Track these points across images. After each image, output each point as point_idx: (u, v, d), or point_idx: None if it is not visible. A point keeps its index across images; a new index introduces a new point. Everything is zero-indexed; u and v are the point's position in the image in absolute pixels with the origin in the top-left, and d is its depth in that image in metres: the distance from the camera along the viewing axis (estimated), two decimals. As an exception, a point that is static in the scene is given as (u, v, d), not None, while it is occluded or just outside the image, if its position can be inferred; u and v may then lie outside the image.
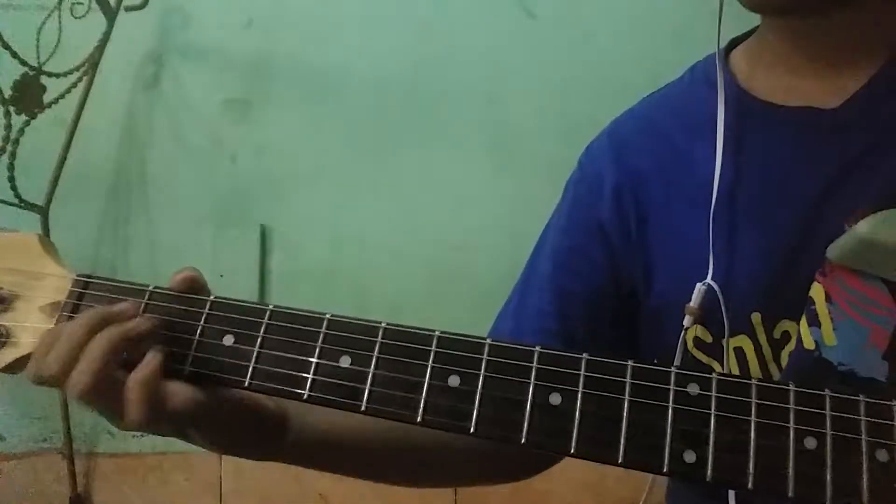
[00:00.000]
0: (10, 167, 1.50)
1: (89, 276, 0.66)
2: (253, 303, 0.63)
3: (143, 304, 0.64)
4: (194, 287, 0.65)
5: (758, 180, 0.73)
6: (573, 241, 0.84)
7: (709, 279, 0.72)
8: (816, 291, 0.62)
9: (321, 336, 0.60)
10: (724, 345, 0.73)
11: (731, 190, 0.73)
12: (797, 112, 0.72)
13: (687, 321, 0.73)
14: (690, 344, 0.75)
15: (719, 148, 0.74)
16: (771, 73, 0.75)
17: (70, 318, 0.65)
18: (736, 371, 0.73)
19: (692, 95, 0.80)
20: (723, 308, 0.71)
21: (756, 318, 0.71)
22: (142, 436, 1.77)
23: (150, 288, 0.64)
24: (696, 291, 0.72)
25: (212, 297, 0.64)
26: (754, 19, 0.77)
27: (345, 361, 0.59)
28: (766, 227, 0.72)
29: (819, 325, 0.61)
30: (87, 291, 0.66)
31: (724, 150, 0.73)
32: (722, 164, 0.73)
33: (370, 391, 0.58)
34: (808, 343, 0.62)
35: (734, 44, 0.81)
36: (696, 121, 0.78)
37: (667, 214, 0.78)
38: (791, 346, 0.69)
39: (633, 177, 0.80)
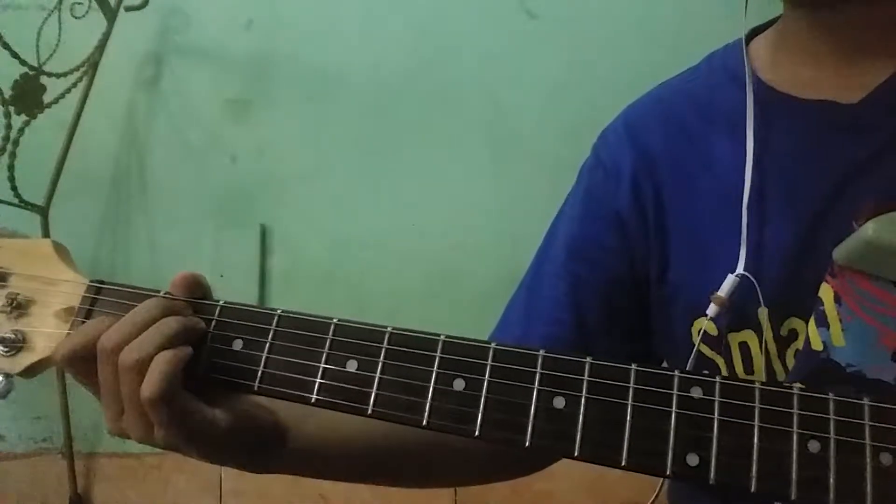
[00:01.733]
0: (10, 167, 1.50)
1: (102, 282, 0.67)
2: (261, 307, 0.63)
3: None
4: (196, 287, 0.65)
5: (776, 175, 0.73)
6: (589, 229, 0.83)
7: (740, 269, 0.70)
8: (825, 292, 0.62)
9: (328, 341, 0.60)
10: (729, 340, 0.73)
11: (749, 184, 0.73)
12: (817, 106, 0.72)
13: (712, 310, 0.71)
14: (696, 337, 0.75)
15: (749, 142, 0.73)
16: (792, 66, 0.74)
17: (84, 322, 0.65)
18: (739, 367, 0.73)
19: (711, 86, 0.80)
20: (760, 299, 0.70)
21: (763, 313, 0.71)
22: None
23: (161, 293, 0.65)
24: (727, 281, 0.71)
25: (221, 303, 0.64)
26: (768, 11, 0.76)
27: (351, 366, 0.59)
28: (781, 222, 0.71)
29: (828, 326, 0.61)
30: (100, 297, 0.66)
31: (742, 145, 0.73)
32: (742, 159, 0.73)
33: (376, 395, 0.58)
34: (817, 344, 0.62)
35: (753, 34, 0.80)
36: (716, 111, 0.77)
37: (683, 204, 0.77)
38: (798, 344, 0.69)
39: (651, 164, 0.80)
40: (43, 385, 1.67)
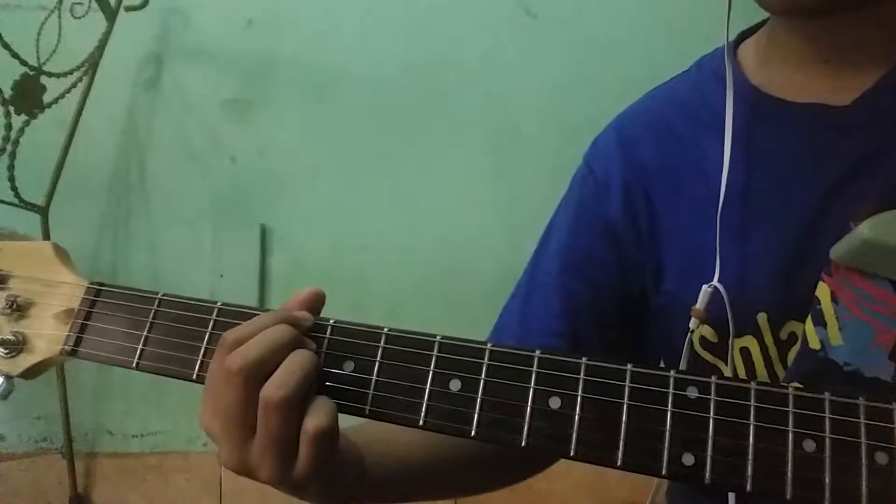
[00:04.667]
0: (10, 167, 1.50)
1: (101, 284, 0.68)
2: (259, 309, 0.63)
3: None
4: (317, 307, 0.63)
5: (767, 178, 0.72)
6: (581, 241, 0.83)
7: (714, 281, 0.71)
8: (822, 291, 0.62)
9: (325, 342, 0.60)
10: (730, 345, 0.72)
11: (740, 188, 0.73)
12: (807, 109, 0.71)
13: (693, 323, 0.72)
14: (697, 344, 0.75)
15: (727, 146, 0.73)
16: (781, 70, 0.74)
17: (84, 325, 0.66)
18: (742, 371, 0.73)
19: (700, 90, 0.80)
20: (728, 309, 0.70)
21: (762, 318, 0.71)
22: (142, 435, 1.78)
23: (160, 295, 0.65)
24: (701, 293, 0.71)
25: (218, 304, 0.64)
26: (759, 14, 0.76)
27: (348, 367, 0.59)
28: (774, 225, 0.71)
29: (825, 325, 0.61)
30: (100, 299, 0.67)
31: (733, 147, 0.72)
32: (731, 162, 0.72)
33: (373, 396, 0.58)
34: (814, 343, 0.62)
35: (742, 38, 0.80)
36: (705, 116, 0.77)
37: (675, 211, 0.77)
38: (798, 347, 0.69)
39: (642, 173, 0.80)
40: (43, 385, 1.67)
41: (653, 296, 0.79)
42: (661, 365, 0.81)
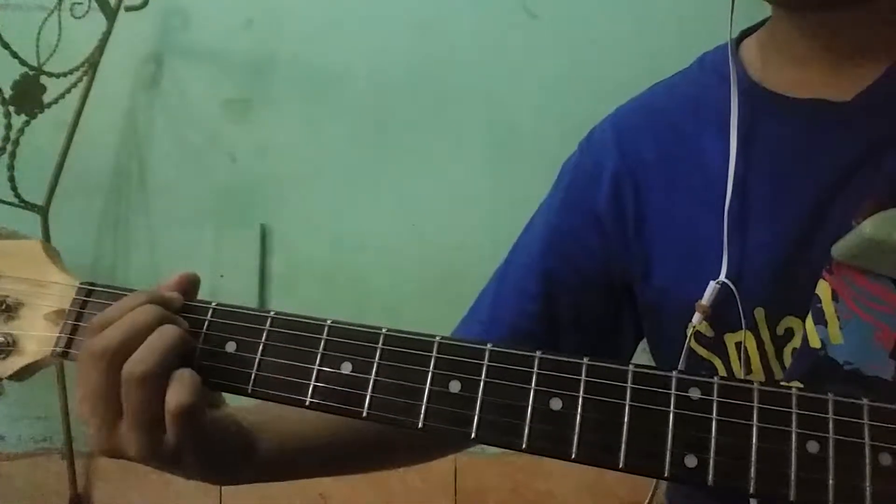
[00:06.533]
0: (10, 167, 1.50)
1: (92, 284, 0.66)
2: (254, 309, 0.62)
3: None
4: (191, 291, 0.64)
5: (767, 174, 0.72)
6: (566, 224, 0.83)
7: (722, 277, 0.70)
8: (823, 289, 0.61)
9: (322, 342, 0.60)
10: (725, 341, 0.72)
11: (740, 183, 0.72)
12: (808, 105, 0.71)
13: (696, 318, 0.72)
14: (691, 338, 0.75)
15: (733, 142, 0.73)
16: (782, 66, 0.74)
17: (75, 326, 0.65)
18: (737, 367, 0.72)
19: (702, 86, 0.80)
20: (739, 305, 0.70)
21: (759, 313, 0.71)
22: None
23: None
24: (709, 289, 0.71)
25: (213, 304, 0.63)
26: (759, 12, 0.76)
27: (346, 368, 0.59)
28: (774, 221, 0.71)
29: (825, 323, 0.61)
30: (91, 299, 0.65)
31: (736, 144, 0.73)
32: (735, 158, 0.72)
33: (371, 397, 0.58)
34: (814, 342, 0.61)
35: (744, 35, 0.80)
36: (706, 112, 0.77)
37: (669, 206, 0.77)
38: (794, 342, 0.68)
39: (635, 166, 0.80)
40: (43, 385, 1.66)
41: (642, 290, 0.79)
42: (651, 359, 0.82)
